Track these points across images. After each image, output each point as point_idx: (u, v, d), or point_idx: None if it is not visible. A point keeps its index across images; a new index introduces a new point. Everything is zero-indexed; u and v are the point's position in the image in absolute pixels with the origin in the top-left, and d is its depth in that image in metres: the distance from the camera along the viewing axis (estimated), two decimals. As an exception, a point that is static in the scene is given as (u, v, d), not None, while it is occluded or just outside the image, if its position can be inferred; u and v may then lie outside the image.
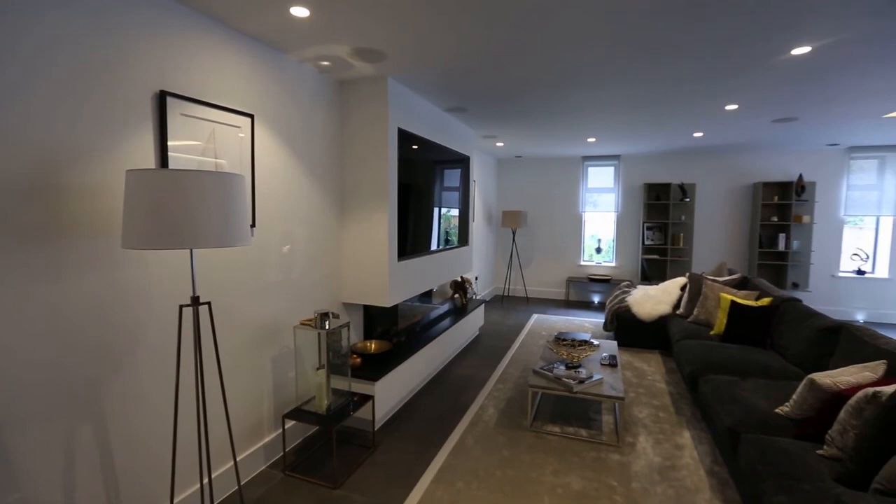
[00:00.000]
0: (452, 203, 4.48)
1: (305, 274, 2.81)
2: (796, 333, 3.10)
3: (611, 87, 3.23)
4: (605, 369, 3.08)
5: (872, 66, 2.73)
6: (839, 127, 4.60)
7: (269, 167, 2.47)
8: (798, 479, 1.69)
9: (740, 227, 6.48)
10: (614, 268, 7.06)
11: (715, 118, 4.22)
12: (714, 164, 6.49)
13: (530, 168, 7.40)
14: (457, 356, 4.45)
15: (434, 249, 4.01)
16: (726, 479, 2.37)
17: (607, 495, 2.24)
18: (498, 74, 2.95)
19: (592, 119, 4.31)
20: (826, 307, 6.09)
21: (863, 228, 6.21)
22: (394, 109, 3.08)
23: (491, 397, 3.42)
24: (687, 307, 4.45)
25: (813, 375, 2.14)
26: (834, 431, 1.86)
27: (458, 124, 4.47)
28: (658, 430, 2.90)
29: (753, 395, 2.49)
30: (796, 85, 3.13)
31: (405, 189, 3.38)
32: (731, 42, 2.38)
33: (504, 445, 2.71)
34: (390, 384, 3.00)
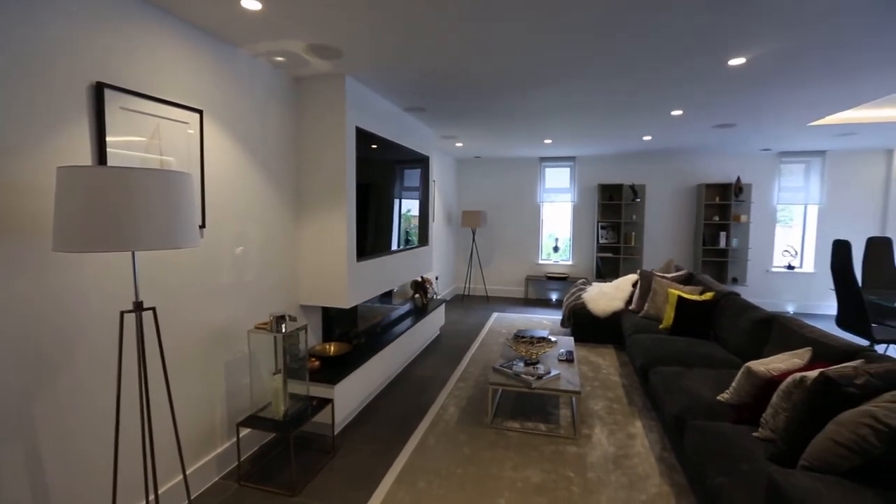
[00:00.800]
0: (412, 203, 4.47)
1: (261, 276, 2.71)
2: (735, 325, 3.33)
3: (565, 91, 3.33)
4: (562, 365, 3.17)
5: (798, 78, 2.96)
6: (771, 133, 4.97)
7: (220, 165, 2.37)
8: (736, 461, 1.82)
9: (686, 226, 6.86)
10: (571, 266, 7.29)
11: (662, 123, 4.45)
12: (662, 167, 6.84)
13: (489, 168, 7.50)
14: (418, 356, 4.44)
15: (394, 249, 3.98)
16: (674, 465, 2.51)
17: (565, 486, 2.31)
18: (457, 75, 2.97)
19: (548, 121, 4.43)
20: (761, 300, 6.55)
21: (792, 227, 6.74)
22: (351, 108, 3.03)
23: (452, 396, 3.45)
24: (638, 303, 4.66)
25: (749, 364, 2.30)
26: (767, 415, 2.01)
27: (418, 124, 4.46)
28: (612, 421, 3.03)
29: (698, 384, 2.64)
30: (733, 93, 3.36)
31: (364, 189, 3.34)
32: (676, 54, 2.51)
33: (465, 443, 2.73)
34: (350, 387, 2.96)
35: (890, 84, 3.07)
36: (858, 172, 6.24)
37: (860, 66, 2.72)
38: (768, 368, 2.24)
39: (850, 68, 2.77)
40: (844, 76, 2.92)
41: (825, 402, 1.65)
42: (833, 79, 2.98)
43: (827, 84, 3.10)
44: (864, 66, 2.72)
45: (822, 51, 2.48)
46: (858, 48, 2.43)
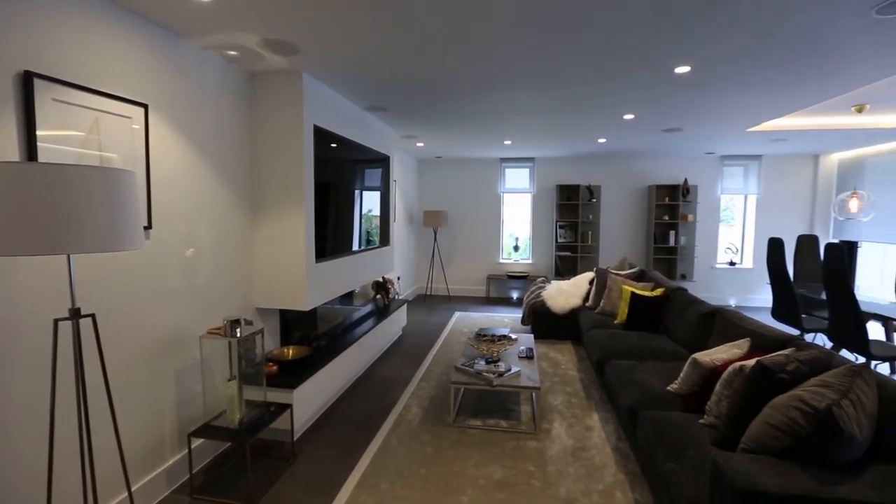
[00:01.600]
0: (373, 203, 4.43)
1: (213, 278, 2.60)
2: (683, 319, 3.51)
3: (524, 94, 3.40)
4: (522, 362, 3.24)
5: (737, 87, 3.17)
6: (714, 137, 5.29)
7: (168, 162, 2.25)
8: (684, 447, 1.92)
9: (638, 225, 7.17)
10: (531, 265, 7.45)
11: (615, 126, 4.63)
12: (616, 168, 7.12)
13: (450, 168, 7.54)
14: (380, 357, 4.40)
15: (355, 250, 3.93)
16: (628, 454, 2.62)
17: (526, 480, 2.36)
18: (418, 75, 2.97)
19: (508, 122, 4.51)
20: (707, 294, 6.95)
21: (733, 226, 7.19)
22: (309, 105, 2.96)
23: (415, 396, 3.44)
24: (595, 299, 4.82)
25: (695, 355, 2.44)
26: (712, 402, 2.13)
27: (379, 123, 4.42)
28: (571, 414, 3.12)
29: (649, 376, 2.77)
30: (680, 99, 3.54)
31: (324, 188, 3.27)
32: (627, 62, 2.62)
33: (428, 443, 2.74)
34: (310, 391, 2.89)
35: (816, 95, 3.34)
36: (790, 175, 6.74)
37: (791, 78, 2.94)
38: (712, 359, 2.38)
39: (782, 80, 2.99)
40: (778, 87, 3.15)
41: (761, 389, 1.77)
42: (768, 89, 3.21)
43: (762, 93, 3.33)
44: (795, 79, 2.94)
45: (757, 64, 2.66)
46: (789, 63, 2.63)
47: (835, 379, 1.61)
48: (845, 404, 1.48)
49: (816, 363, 1.84)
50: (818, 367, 1.83)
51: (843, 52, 2.49)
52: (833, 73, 2.85)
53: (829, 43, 2.37)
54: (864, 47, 2.42)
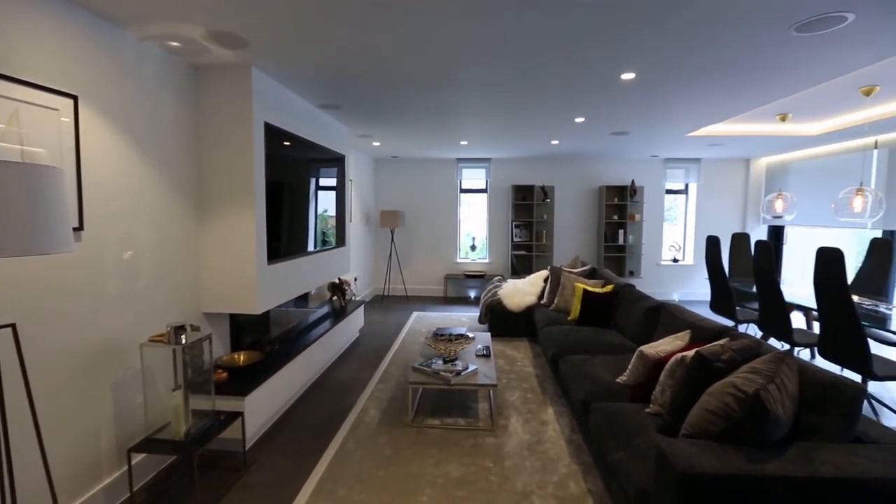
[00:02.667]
0: (329, 203, 4.34)
1: (155, 282, 2.45)
2: (631, 314, 3.69)
3: (479, 95, 3.44)
4: (479, 360, 3.28)
5: (677, 94, 3.36)
6: (658, 141, 5.59)
7: (102, 158, 2.10)
8: (632, 436, 2.02)
9: (590, 224, 7.45)
10: (488, 264, 7.56)
11: (568, 128, 4.78)
12: (569, 169, 7.36)
13: (407, 168, 7.52)
14: (337, 359, 4.32)
15: (310, 251, 3.83)
16: (581, 445, 2.71)
17: (484, 476, 2.39)
18: (371, 74, 2.93)
19: (464, 123, 4.55)
20: (653, 290, 7.33)
21: (676, 224, 7.62)
22: (260, 102, 2.86)
23: (373, 398, 3.40)
24: (549, 297, 4.97)
25: (641, 348, 2.57)
26: (657, 392, 2.26)
27: (333, 122, 4.34)
28: (527, 410, 3.20)
29: (600, 369, 2.89)
30: (626, 104, 3.72)
31: (277, 188, 3.17)
32: (578, 68, 2.72)
33: (386, 445, 2.71)
34: (263, 397, 2.79)
35: (745, 104, 3.61)
36: (725, 177, 7.24)
37: (724, 88, 3.16)
38: (657, 351, 2.52)
39: (716, 90, 3.20)
40: (712, 96, 3.37)
41: (700, 377, 1.89)
42: (704, 97, 3.43)
43: (699, 101, 3.56)
44: (727, 88, 3.16)
45: (693, 74, 2.84)
46: (721, 74, 2.83)
47: (763, 365, 1.75)
48: (771, 388, 1.61)
49: (747, 351, 1.99)
50: (749, 355, 1.98)
51: (767, 65, 2.71)
52: (759, 84, 3.09)
53: (755, 57, 2.57)
54: (785, 62, 2.64)
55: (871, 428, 1.72)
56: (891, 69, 2.91)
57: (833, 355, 3.08)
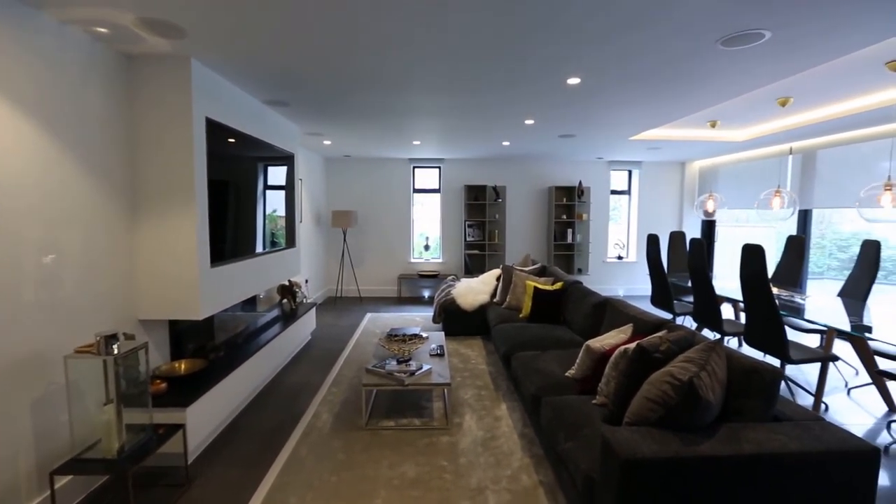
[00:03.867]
0: (278, 202, 4.19)
1: (82, 288, 2.27)
2: (579, 310, 3.84)
3: (430, 96, 3.45)
4: (433, 359, 3.29)
5: (618, 99, 3.54)
6: (603, 144, 5.85)
7: (13, 154, 1.91)
8: (580, 426, 2.11)
9: (540, 224, 7.67)
10: (441, 263, 7.60)
11: (518, 130, 4.90)
12: (519, 170, 7.54)
13: (360, 168, 7.40)
14: (288, 364, 4.18)
15: (259, 252, 3.69)
16: (533, 438, 2.79)
17: (438, 475, 2.41)
18: (319, 71, 2.86)
19: (415, 123, 4.55)
20: (600, 286, 7.67)
21: (619, 223, 8.02)
22: (200, 96, 2.71)
23: (325, 402, 3.33)
24: (501, 295, 5.07)
25: (588, 342, 2.68)
26: (602, 383, 2.37)
27: (281, 119, 4.19)
28: (481, 407, 3.25)
29: (550, 364, 2.99)
30: (572, 108, 3.86)
31: (222, 186, 3.02)
32: (526, 72, 2.80)
33: (340, 449, 2.66)
34: (207, 407, 2.66)
35: (678, 111, 3.86)
36: (663, 179, 7.71)
37: (660, 95, 3.36)
38: (602, 344, 2.64)
39: (653, 97, 3.40)
40: (650, 102, 3.58)
41: (640, 368, 2.00)
42: (642, 103, 3.63)
43: (638, 107, 3.76)
44: (662, 96, 3.37)
45: (632, 80, 3.00)
46: (656, 82, 3.01)
47: (696, 354, 1.88)
48: (703, 375, 1.74)
49: (683, 342, 2.13)
50: (684, 345, 2.12)
51: (697, 75, 2.91)
52: (691, 93, 3.32)
53: (685, 67, 2.76)
54: (713, 73, 2.85)
55: (787, 407, 1.90)
56: (803, 82, 3.22)
57: (756, 343, 3.37)
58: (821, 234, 6.08)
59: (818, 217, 5.74)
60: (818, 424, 1.71)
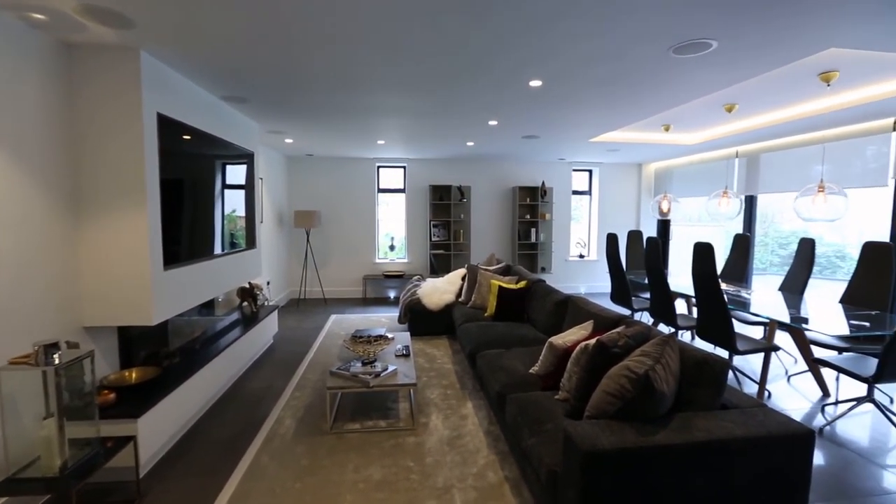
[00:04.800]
0: (238, 202, 4.05)
1: (16, 295, 2.11)
2: (542, 307, 3.92)
3: (394, 95, 3.43)
4: (399, 360, 3.28)
5: (578, 102, 3.65)
6: (564, 145, 6.00)
7: (-61, 150, 1.76)
8: (543, 422, 2.15)
9: (504, 223, 7.78)
10: (407, 263, 7.57)
11: (482, 131, 4.95)
12: (484, 170, 7.62)
13: (323, 167, 7.26)
14: (250, 368, 4.05)
15: (217, 253, 3.55)
16: (499, 435, 2.83)
17: (405, 476, 2.40)
18: (277, 67, 2.79)
19: (380, 123, 4.51)
20: (562, 284, 7.86)
21: (581, 223, 8.25)
22: (151, 90, 2.58)
23: (289, 407, 3.24)
24: (467, 294, 5.10)
25: (551, 339, 2.75)
26: (564, 379, 2.43)
27: (240, 116, 4.05)
28: (447, 406, 3.26)
29: (515, 361, 3.04)
30: (535, 110, 3.94)
31: (176, 185, 2.89)
32: (489, 72, 2.83)
33: (303, 455, 2.61)
34: (160, 417, 2.53)
35: (635, 114, 4.01)
36: (621, 180, 7.99)
37: (617, 100, 3.48)
38: (564, 341, 2.71)
39: (611, 100, 3.52)
40: (608, 106, 3.71)
41: (600, 363, 2.07)
42: (601, 107, 3.75)
43: (598, 110, 3.89)
44: (620, 100, 3.49)
45: (590, 85, 3.10)
46: (614, 87, 3.12)
47: (651, 348, 1.96)
48: (658, 368, 1.82)
49: (640, 336, 2.22)
50: (641, 340, 2.21)
51: (652, 81, 3.04)
52: (647, 98, 3.46)
53: (641, 73, 2.87)
54: (667, 79, 2.99)
55: (734, 395, 2.02)
56: (747, 91, 3.42)
57: (707, 335, 3.55)
58: (764, 232, 6.49)
59: (762, 217, 6.12)
60: (761, 411, 1.83)
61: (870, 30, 2.16)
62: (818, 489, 2.35)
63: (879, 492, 2.34)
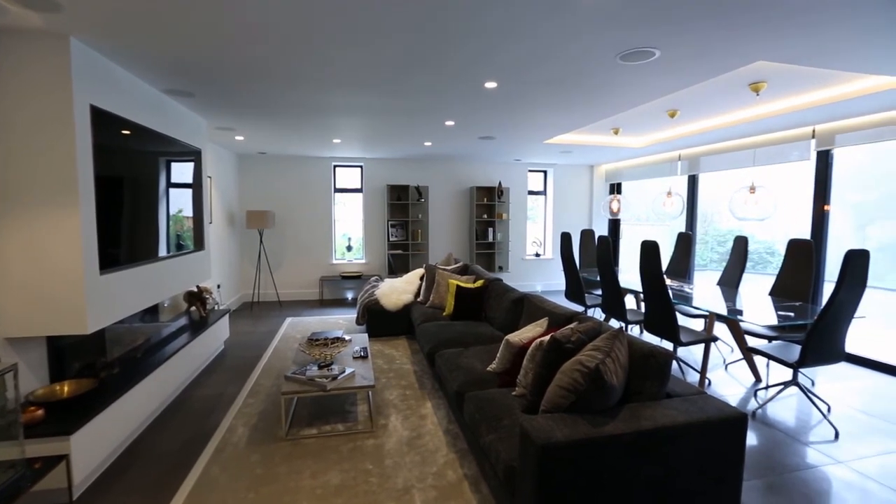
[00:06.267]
0: (184, 202, 3.84)
1: (-74, 304, 1.90)
2: (499, 306, 3.99)
3: (347, 95, 3.38)
4: (357, 362, 3.24)
5: (532, 105, 3.74)
6: (520, 147, 6.13)
7: None
8: (501, 418, 2.20)
9: (462, 223, 7.85)
10: (365, 264, 7.47)
11: (439, 131, 4.97)
12: (442, 170, 7.65)
13: (277, 166, 7.03)
14: (199, 376, 3.86)
15: (162, 256, 3.36)
16: (458, 433, 2.86)
17: (364, 479, 2.37)
18: (222, 60, 2.67)
19: (334, 121, 4.42)
20: (519, 283, 8.03)
21: (537, 222, 8.47)
22: (83, 80, 2.40)
23: (241, 415, 3.12)
24: (425, 294, 5.11)
25: (507, 337, 2.80)
26: (521, 375, 2.49)
27: (186, 111, 3.85)
28: (406, 406, 3.25)
29: (473, 360, 3.07)
30: (491, 111, 4.00)
31: (114, 184, 2.71)
32: (445, 73, 2.85)
33: (258, 464, 2.52)
34: (98, 432, 2.37)
35: (586, 117, 4.17)
36: (574, 181, 8.27)
37: (570, 103, 3.60)
38: (520, 338, 2.77)
39: (564, 104, 3.64)
40: (561, 109, 3.83)
41: (554, 358, 2.14)
42: (554, 109, 3.87)
43: (551, 113, 4.00)
44: (572, 103, 3.61)
45: (543, 88, 3.19)
46: (566, 91, 3.22)
47: (602, 343, 2.05)
48: (608, 361, 1.90)
49: (592, 332, 2.31)
50: (593, 335, 2.30)
51: (601, 86, 3.17)
52: (596, 101, 3.60)
53: (591, 79, 2.99)
54: (615, 84, 3.12)
55: (677, 385, 2.14)
56: (688, 97, 3.64)
57: (653, 329, 3.75)
58: (704, 231, 6.93)
59: (702, 216, 6.52)
60: (701, 398, 1.96)
61: (792, 46, 2.36)
62: (751, 467, 2.54)
63: (804, 466, 2.57)
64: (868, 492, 2.34)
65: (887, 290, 5.31)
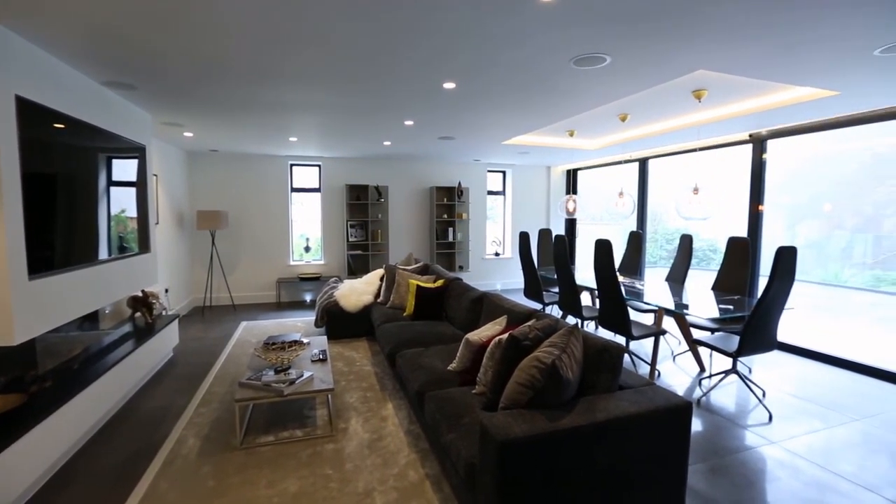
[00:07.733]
0: (128, 201, 3.62)
1: None
2: (459, 305, 4.02)
3: (302, 92, 3.30)
4: (315, 365, 3.16)
5: (491, 106, 3.79)
6: (479, 147, 6.20)
7: None
8: (461, 417, 2.21)
9: (422, 223, 7.84)
10: (323, 265, 7.32)
11: (398, 131, 4.94)
12: (401, 170, 7.61)
13: (231, 164, 6.76)
14: (145, 386, 3.65)
15: (103, 259, 3.15)
16: (419, 434, 2.86)
17: (324, 485, 2.32)
18: (165, 50, 2.53)
19: (290, 119, 4.31)
20: (479, 282, 8.12)
21: (496, 222, 8.59)
22: (7, 69, 2.22)
23: (192, 425, 2.98)
24: (385, 295, 5.07)
25: (467, 335, 2.83)
26: (481, 373, 2.52)
27: (128, 105, 3.63)
28: (367, 409, 3.21)
29: (433, 359, 3.08)
30: (450, 111, 4.03)
31: (47, 181, 2.52)
32: (404, 73, 2.83)
33: (209, 475, 2.41)
34: (27, 451, 2.19)
35: (543, 119, 4.28)
36: (532, 181, 8.46)
37: (527, 105, 3.68)
38: (480, 337, 2.81)
39: (521, 106, 3.72)
40: (518, 111, 3.91)
41: (512, 355, 2.18)
42: (512, 111, 3.94)
43: (508, 114, 4.08)
44: (530, 106, 3.70)
45: (501, 90, 3.24)
46: (524, 93, 3.29)
47: (558, 339, 2.11)
48: (564, 357, 1.96)
49: (549, 329, 2.37)
50: (549, 332, 2.36)
51: (556, 90, 3.26)
52: (552, 104, 3.70)
53: (546, 82, 3.07)
54: (570, 88, 3.22)
55: (629, 377, 2.24)
56: (637, 102, 3.81)
57: (607, 324, 3.90)
58: (654, 230, 7.28)
59: (652, 216, 6.84)
60: (651, 389, 2.06)
61: (728, 57, 2.53)
62: (696, 452, 2.70)
63: (742, 448, 2.75)
64: (798, 469, 2.55)
65: (813, 282, 5.79)
